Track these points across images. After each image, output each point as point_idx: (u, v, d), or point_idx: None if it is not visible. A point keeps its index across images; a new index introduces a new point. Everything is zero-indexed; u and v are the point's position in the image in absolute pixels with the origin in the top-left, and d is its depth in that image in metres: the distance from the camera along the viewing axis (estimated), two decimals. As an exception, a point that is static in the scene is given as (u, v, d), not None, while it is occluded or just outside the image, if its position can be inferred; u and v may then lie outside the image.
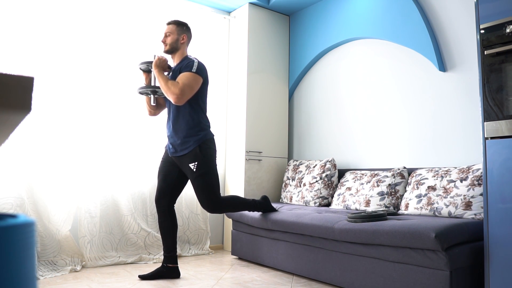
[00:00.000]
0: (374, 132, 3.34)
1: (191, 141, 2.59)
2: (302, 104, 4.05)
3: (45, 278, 2.60)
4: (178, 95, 2.47)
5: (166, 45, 2.71)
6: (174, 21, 2.75)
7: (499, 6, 1.98)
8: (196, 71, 2.56)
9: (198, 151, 2.58)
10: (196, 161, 2.57)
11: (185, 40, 2.74)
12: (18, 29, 2.84)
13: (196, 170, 2.57)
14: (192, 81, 2.54)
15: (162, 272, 2.64)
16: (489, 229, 1.93)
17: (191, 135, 2.60)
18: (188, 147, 2.59)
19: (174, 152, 2.65)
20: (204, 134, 2.63)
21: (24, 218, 0.48)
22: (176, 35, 2.71)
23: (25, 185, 2.82)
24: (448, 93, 2.86)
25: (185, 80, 2.51)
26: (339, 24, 3.65)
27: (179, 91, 2.47)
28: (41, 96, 2.92)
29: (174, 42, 2.70)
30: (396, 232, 2.07)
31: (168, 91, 2.49)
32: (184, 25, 2.76)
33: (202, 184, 2.57)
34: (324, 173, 3.36)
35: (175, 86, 2.49)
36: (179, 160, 2.64)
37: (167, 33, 2.71)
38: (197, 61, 2.62)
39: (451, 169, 2.58)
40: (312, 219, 2.57)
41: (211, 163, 2.62)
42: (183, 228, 3.55)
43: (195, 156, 2.57)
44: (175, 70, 2.67)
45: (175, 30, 2.71)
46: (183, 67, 2.61)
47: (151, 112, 2.85)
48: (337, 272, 2.43)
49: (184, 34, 2.74)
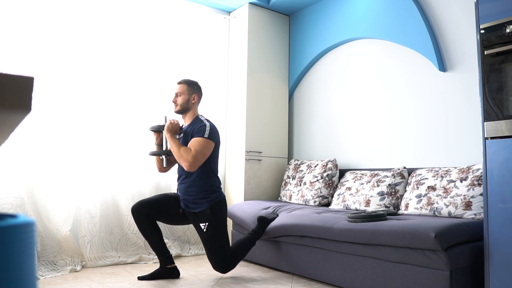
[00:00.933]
0: (374, 132, 3.34)
1: (202, 202, 2.61)
2: (302, 104, 4.05)
3: (45, 278, 2.60)
4: (191, 163, 2.47)
5: (177, 105, 2.71)
6: (185, 81, 2.75)
7: (499, 6, 1.98)
8: (208, 136, 2.55)
9: (209, 212, 2.60)
10: (207, 222, 2.60)
11: (195, 100, 2.74)
12: (18, 29, 2.84)
13: (206, 231, 2.60)
14: (205, 147, 2.54)
15: (161, 274, 2.64)
16: (489, 229, 1.93)
17: (203, 197, 2.62)
18: (199, 207, 2.61)
19: (185, 207, 2.68)
20: (215, 196, 2.64)
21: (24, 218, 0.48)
22: (187, 95, 2.70)
23: (25, 185, 2.82)
24: (448, 93, 2.86)
25: (197, 147, 2.51)
26: (339, 24, 3.65)
27: (192, 158, 2.47)
28: (41, 96, 2.92)
29: (185, 103, 2.70)
30: (396, 232, 2.07)
31: (180, 158, 2.50)
32: (195, 85, 2.76)
33: (213, 245, 2.59)
34: (326, 173, 3.36)
35: (188, 153, 2.48)
36: (190, 215, 2.67)
37: (178, 93, 2.71)
38: (209, 124, 2.62)
39: (451, 169, 2.58)
40: (312, 219, 2.57)
41: (222, 224, 2.64)
42: (183, 228, 3.55)
43: (206, 217, 2.60)
44: (186, 132, 2.67)
45: (186, 90, 2.70)
46: (195, 131, 2.60)
47: (161, 169, 2.84)
48: (337, 272, 2.43)
49: (195, 94, 2.73)
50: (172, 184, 3.53)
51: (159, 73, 3.54)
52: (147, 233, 2.63)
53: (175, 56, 3.65)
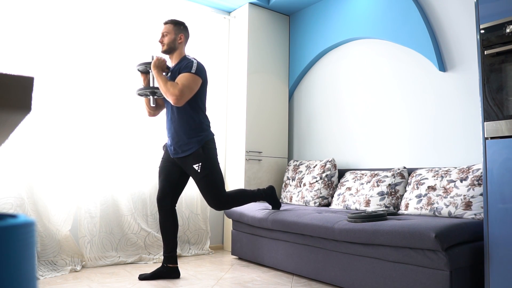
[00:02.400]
0: (374, 132, 3.34)
1: (193, 142, 2.58)
2: (302, 104, 4.05)
3: (45, 278, 2.60)
4: (177, 96, 2.46)
5: (164, 45, 2.69)
6: (171, 21, 2.73)
7: (499, 6, 1.98)
8: (195, 71, 2.55)
9: (201, 151, 2.58)
10: (199, 162, 2.57)
11: (182, 39, 2.72)
12: (18, 29, 2.84)
13: (200, 171, 2.57)
14: (192, 82, 2.53)
15: (162, 272, 2.64)
16: (489, 229, 1.93)
17: (193, 136, 2.59)
18: (190, 148, 2.58)
19: (175, 153, 2.65)
20: (205, 135, 2.63)
21: (24, 218, 0.48)
22: (174, 35, 2.69)
23: (25, 185, 2.81)
24: (448, 93, 2.86)
25: (184, 81, 2.50)
26: (339, 24, 3.65)
27: (179, 92, 2.46)
28: (41, 96, 2.92)
29: (171, 42, 2.68)
30: (396, 232, 2.07)
31: (167, 92, 2.48)
32: (182, 24, 2.74)
33: (208, 184, 2.58)
34: (324, 173, 3.36)
35: (174, 87, 2.47)
36: (182, 161, 2.64)
37: (164, 33, 2.70)
38: (196, 62, 2.61)
39: (451, 169, 2.58)
40: (312, 219, 2.57)
41: (214, 162, 2.63)
42: (183, 228, 3.55)
43: (199, 157, 2.57)
44: (173, 71, 2.66)
45: (172, 30, 2.69)
46: (182, 67, 2.59)
47: (151, 113, 2.84)
48: (337, 272, 2.43)
49: (182, 34, 2.72)
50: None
51: (159, 73, 3.54)
52: (166, 225, 2.67)
53: (175, 56, 3.64)
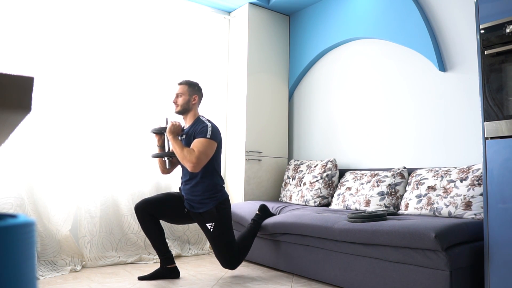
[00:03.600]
0: (374, 132, 3.34)
1: (207, 202, 2.62)
2: (302, 104, 4.05)
3: (45, 278, 2.60)
4: (194, 164, 2.49)
5: (178, 106, 2.72)
6: (186, 82, 2.76)
7: (499, 6, 1.98)
8: (210, 136, 2.57)
9: (215, 211, 2.62)
10: (213, 221, 2.62)
11: (196, 100, 2.75)
12: (18, 29, 2.84)
13: (213, 231, 2.62)
14: (208, 147, 2.55)
15: (161, 274, 2.64)
16: (489, 229, 1.93)
17: (207, 197, 2.63)
18: (204, 207, 2.63)
19: (190, 207, 2.68)
20: (220, 195, 2.66)
21: (24, 218, 0.48)
22: (188, 96, 2.71)
23: (25, 185, 2.81)
24: (448, 93, 2.86)
25: (200, 148, 2.53)
26: (339, 24, 3.65)
27: (196, 159, 2.49)
28: (41, 96, 2.92)
29: (185, 103, 2.71)
30: (396, 232, 2.07)
31: (184, 160, 2.51)
32: (196, 86, 2.78)
33: (220, 244, 2.62)
34: (325, 173, 3.36)
35: (191, 154, 2.50)
36: (195, 215, 2.68)
37: (178, 94, 2.72)
38: (211, 125, 2.63)
39: (451, 169, 2.58)
40: (312, 219, 2.57)
41: (227, 222, 2.66)
42: (183, 228, 3.55)
43: (212, 217, 2.62)
44: (188, 134, 2.68)
45: (187, 91, 2.72)
46: (197, 132, 2.61)
47: (164, 171, 2.84)
48: (337, 272, 2.43)
49: (196, 95, 2.75)
50: (172, 184, 3.53)
51: (159, 73, 3.54)
52: (150, 232, 2.63)
53: (175, 56, 3.65)
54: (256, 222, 2.89)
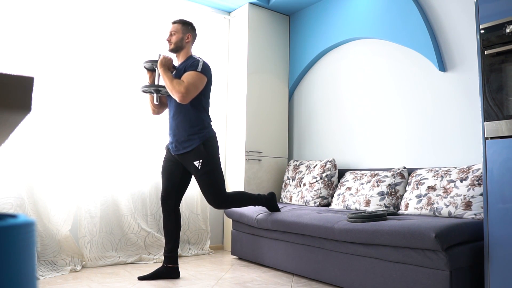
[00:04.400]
0: (374, 132, 3.34)
1: (194, 138, 2.61)
2: (302, 104, 4.05)
3: (45, 278, 2.60)
4: (183, 94, 2.49)
5: (171, 43, 2.72)
6: (180, 20, 2.77)
7: (499, 6, 1.98)
8: (201, 70, 2.58)
9: (202, 148, 2.61)
10: (200, 158, 2.60)
11: (190, 39, 2.76)
12: (18, 29, 2.84)
13: (201, 168, 2.60)
14: (197, 80, 2.56)
15: (162, 273, 2.64)
16: (489, 229, 1.93)
17: (194, 133, 2.62)
18: (191, 145, 2.61)
19: (177, 150, 2.67)
20: (207, 132, 2.66)
21: (24, 218, 0.48)
22: (181, 34, 2.72)
23: (25, 185, 2.81)
24: (448, 93, 2.86)
25: (190, 79, 2.53)
26: (339, 24, 3.65)
27: (184, 90, 2.49)
28: (41, 96, 2.92)
29: (179, 41, 2.72)
30: (396, 232, 2.07)
31: (173, 90, 2.51)
32: (189, 25, 2.78)
33: (208, 181, 2.60)
34: (324, 173, 3.36)
35: (180, 84, 2.51)
36: (183, 157, 2.66)
37: (172, 32, 2.73)
38: (202, 61, 2.65)
39: (451, 169, 2.58)
40: (312, 219, 2.57)
41: (215, 160, 2.65)
42: (183, 228, 3.55)
43: (200, 154, 2.60)
44: (179, 69, 2.69)
45: (180, 29, 2.73)
46: (188, 66, 2.62)
47: (155, 111, 2.86)
48: (337, 272, 2.43)
49: (189, 33, 2.76)
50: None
51: (159, 73, 3.54)
52: (169, 225, 2.68)
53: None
54: (261, 196, 2.88)
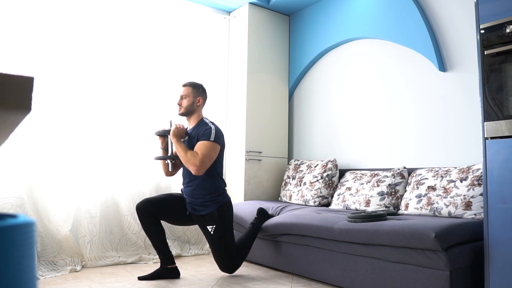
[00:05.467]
0: (374, 132, 3.34)
1: (209, 204, 2.63)
2: (302, 104, 4.05)
3: (45, 278, 2.60)
4: (198, 167, 2.49)
5: (182, 108, 2.72)
6: (190, 84, 2.76)
7: (499, 6, 1.98)
8: (214, 139, 2.57)
9: (216, 214, 2.61)
10: (214, 224, 2.62)
11: (200, 102, 2.75)
12: (18, 29, 2.84)
13: (214, 233, 2.62)
14: (211, 150, 2.55)
15: (161, 273, 2.64)
16: (489, 229, 1.93)
17: (209, 200, 2.63)
18: (206, 209, 2.63)
19: (192, 210, 2.69)
20: (222, 198, 2.66)
21: (24, 218, 0.48)
22: (192, 98, 2.72)
23: (25, 185, 2.81)
24: (448, 93, 2.86)
25: (204, 151, 2.52)
26: (339, 24, 3.65)
27: (199, 162, 2.49)
28: (41, 96, 2.92)
29: (190, 105, 2.71)
30: (396, 232, 2.07)
31: (187, 163, 2.51)
32: (200, 87, 2.78)
33: (219, 246, 2.62)
34: (325, 173, 3.36)
35: (195, 157, 2.50)
36: (197, 218, 2.68)
37: (183, 96, 2.72)
38: (214, 128, 2.63)
39: (451, 169, 2.58)
40: (312, 219, 2.57)
41: (228, 226, 2.66)
42: (183, 228, 3.55)
43: (213, 219, 2.62)
44: (191, 136, 2.68)
45: (191, 93, 2.72)
46: (201, 134, 2.61)
47: (168, 173, 2.84)
48: (337, 272, 2.43)
49: (200, 97, 2.75)
50: (173, 184, 3.53)
51: (159, 73, 3.54)
52: (151, 231, 2.64)
53: (175, 56, 3.65)
54: (255, 225, 2.88)
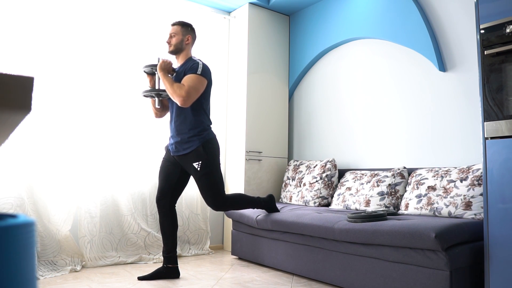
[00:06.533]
0: (374, 132, 3.34)
1: (193, 140, 2.61)
2: (302, 104, 4.05)
3: (45, 278, 2.60)
4: (184, 98, 2.49)
5: (171, 45, 2.72)
6: (179, 22, 2.76)
7: (499, 6, 1.98)
8: (201, 73, 2.58)
9: (202, 150, 2.60)
10: (200, 160, 2.60)
11: (189, 41, 2.75)
12: (18, 29, 2.84)
13: (200, 169, 2.60)
14: (198, 83, 2.55)
15: (161, 273, 2.64)
16: (489, 229, 1.93)
17: (194, 134, 2.62)
18: (191, 146, 2.61)
19: (176, 151, 2.67)
20: (206, 134, 2.65)
21: (24, 218, 0.48)
22: (181, 36, 2.72)
23: (25, 185, 2.81)
24: (448, 93, 2.86)
25: (190, 83, 2.53)
26: (339, 24, 3.65)
27: (185, 93, 2.49)
28: (41, 96, 2.92)
29: (179, 43, 2.71)
30: (396, 232, 2.07)
31: (174, 94, 2.51)
32: (189, 26, 2.78)
33: (207, 183, 2.60)
34: (325, 173, 3.36)
35: (181, 88, 2.50)
36: (182, 159, 2.66)
37: (172, 34, 2.72)
38: (202, 63, 2.64)
39: (451, 169, 2.58)
40: (312, 219, 2.57)
41: (215, 161, 2.65)
42: (183, 228, 3.55)
43: (199, 155, 2.60)
44: (179, 72, 2.68)
45: (180, 31, 2.72)
46: (188, 69, 2.62)
47: (157, 114, 2.86)
48: (337, 272, 2.43)
49: (189, 35, 2.75)
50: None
51: (159, 73, 3.54)
52: (165, 225, 2.68)
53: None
54: (260, 199, 2.88)
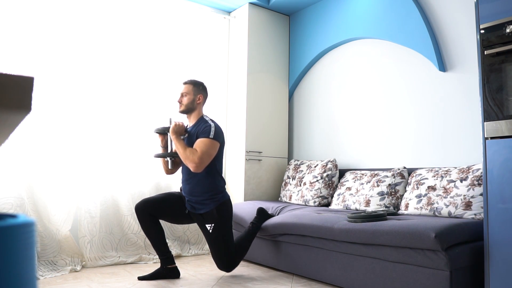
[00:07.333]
0: (374, 132, 3.34)
1: (208, 202, 2.62)
2: (302, 104, 4.05)
3: (45, 278, 2.60)
4: (197, 163, 2.49)
5: (182, 105, 2.71)
6: (191, 81, 2.76)
7: (499, 6, 1.98)
8: (213, 137, 2.56)
9: (215, 212, 2.61)
10: (213, 222, 2.61)
11: (201, 100, 2.75)
12: (18, 29, 2.84)
13: (212, 232, 2.61)
14: (210, 147, 2.55)
15: (161, 273, 2.64)
16: (489, 229, 1.93)
17: (208, 198, 2.62)
18: (204, 208, 2.62)
19: (190, 208, 2.68)
20: (221, 196, 2.66)
21: (24, 218, 0.48)
22: (193, 96, 2.71)
23: (25, 185, 2.81)
24: (448, 93, 2.86)
25: (203, 148, 2.52)
26: (339, 24, 3.65)
27: (198, 159, 2.48)
28: (41, 96, 2.92)
29: (190, 103, 2.71)
30: (396, 232, 2.07)
31: (186, 160, 2.51)
32: (201, 85, 2.78)
33: (218, 246, 2.62)
34: (325, 173, 3.36)
35: (194, 154, 2.50)
36: (195, 216, 2.68)
37: (183, 93, 2.72)
38: (214, 125, 2.62)
39: (451, 169, 2.58)
40: (312, 219, 2.57)
41: (227, 225, 2.66)
42: (183, 228, 3.55)
43: (212, 218, 2.61)
44: (191, 133, 2.67)
45: (192, 90, 2.72)
46: (200, 132, 2.60)
47: (168, 171, 2.84)
48: (337, 272, 2.43)
49: (200, 94, 2.75)
50: (173, 184, 3.53)
51: (159, 73, 3.54)
52: (150, 232, 2.63)
53: (175, 56, 3.65)
54: (254, 225, 2.88)
